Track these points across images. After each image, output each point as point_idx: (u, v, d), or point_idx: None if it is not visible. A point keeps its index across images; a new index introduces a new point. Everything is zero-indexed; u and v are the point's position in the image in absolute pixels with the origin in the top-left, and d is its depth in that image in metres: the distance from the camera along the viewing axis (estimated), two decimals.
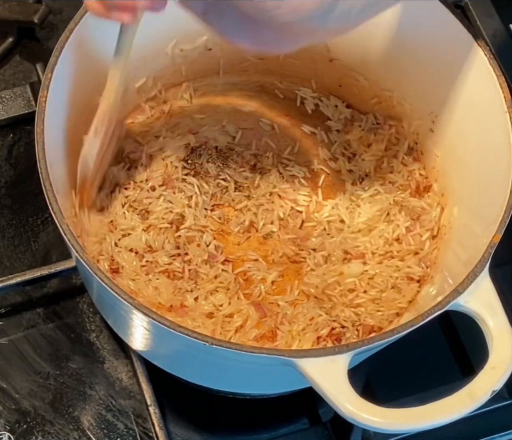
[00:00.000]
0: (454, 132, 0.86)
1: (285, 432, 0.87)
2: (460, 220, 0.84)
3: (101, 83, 0.87)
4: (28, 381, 0.86)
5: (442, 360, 0.90)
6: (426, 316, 0.71)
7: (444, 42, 0.85)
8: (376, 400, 0.68)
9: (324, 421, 0.86)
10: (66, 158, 0.82)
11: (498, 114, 0.80)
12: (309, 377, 0.69)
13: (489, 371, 0.70)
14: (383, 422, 0.68)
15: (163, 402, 0.85)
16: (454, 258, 0.81)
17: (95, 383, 0.87)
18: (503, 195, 0.76)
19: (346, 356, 0.69)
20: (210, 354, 0.70)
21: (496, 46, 0.99)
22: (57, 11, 1.05)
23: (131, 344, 0.84)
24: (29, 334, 0.88)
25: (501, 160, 0.79)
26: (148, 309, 0.70)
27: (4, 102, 0.99)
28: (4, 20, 1.01)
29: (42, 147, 0.75)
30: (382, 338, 0.71)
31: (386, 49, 0.89)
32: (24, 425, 0.84)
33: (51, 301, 0.90)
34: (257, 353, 0.69)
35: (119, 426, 0.85)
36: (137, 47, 0.88)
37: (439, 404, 0.68)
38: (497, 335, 0.71)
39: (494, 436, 0.86)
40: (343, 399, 0.68)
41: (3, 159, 0.97)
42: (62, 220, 0.73)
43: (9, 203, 0.95)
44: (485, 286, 0.73)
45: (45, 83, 0.78)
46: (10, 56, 1.03)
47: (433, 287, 0.81)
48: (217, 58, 0.94)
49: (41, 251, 0.92)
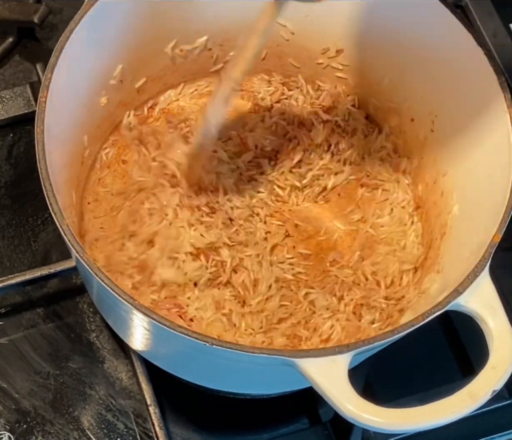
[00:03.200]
0: (454, 132, 0.86)
1: (285, 432, 0.87)
2: (460, 219, 0.84)
3: (101, 83, 0.87)
4: (28, 381, 0.86)
5: (442, 360, 0.90)
6: (426, 316, 0.71)
7: (444, 42, 0.85)
8: (376, 400, 0.68)
9: (324, 421, 0.86)
10: (66, 159, 0.82)
11: (498, 114, 0.80)
12: (309, 377, 0.69)
13: (489, 371, 0.70)
14: (383, 422, 0.68)
15: (163, 402, 0.85)
16: (454, 257, 0.81)
17: (95, 383, 0.87)
18: (503, 195, 0.76)
19: (346, 356, 0.69)
20: (210, 354, 0.70)
21: (496, 46, 0.99)
22: (57, 11, 1.05)
23: (131, 344, 0.84)
24: (29, 334, 0.88)
25: (501, 160, 0.79)
26: (148, 309, 0.70)
27: (4, 102, 0.99)
28: (4, 20, 1.01)
29: (42, 148, 0.75)
30: (382, 338, 0.71)
31: (386, 49, 0.89)
32: (24, 425, 0.84)
33: (51, 301, 0.90)
34: (257, 353, 0.69)
35: (119, 426, 0.85)
36: (137, 47, 0.89)
37: (439, 404, 0.68)
38: (497, 335, 0.71)
39: (494, 436, 0.86)
40: (343, 399, 0.68)
41: (3, 159, 0.97)
42: (62, 220, 0.73)
43: (9, 203, 0.95)
44: (485, 286, 0.73)
45: (45, 83, 0.78)
46: (10, 56, 1.03)
47: (433, 287, 0.81)
48: (217, 58, 0.95)
49: (41, 251, 0.92)
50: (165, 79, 0.94)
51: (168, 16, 0.89)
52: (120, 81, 0.89)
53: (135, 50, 0.89)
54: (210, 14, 0.91)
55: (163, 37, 0.90)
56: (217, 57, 0.94)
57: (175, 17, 0.90)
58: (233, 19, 0.91)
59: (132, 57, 0.89)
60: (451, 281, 0.75)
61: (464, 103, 0.84)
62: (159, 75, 0.93)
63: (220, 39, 0.93)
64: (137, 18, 0.87)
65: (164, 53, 0.92)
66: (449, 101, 0.86)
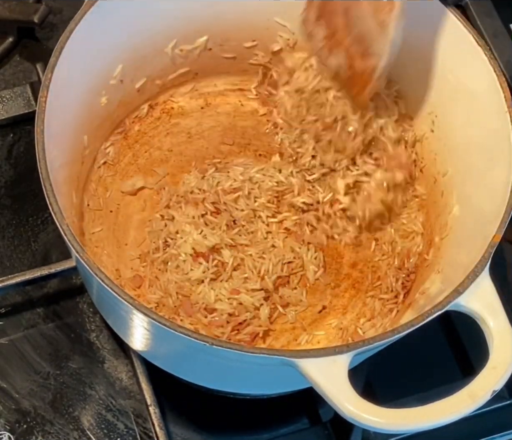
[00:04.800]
0: (454, 132, 0.86)
1: (285, 432, 0.87)
2: (460, 219, 0.84)
3: (101, 83, 0.87)
4: (28, 381, 0.86)
5: (442, 360, 0.90)
6: (426, 316, 0.71)
7: (444, 42, 0.85)
8: (376, 400, 0.68)
9: (324, 421, 0.86)
10: (66, 159, 0.82)
11: (498, 114, 0.80)
12: (309, 377, 0.69)
13: (490, 371, 0.70)
14: (383, 422, 0.68)
15: (163, 402, 0.85)
16: (454, 257, 0.82)
17: (95, 383, 0.87)
18: (503, 195, 0.76)
19: (346, 356, 0.69)
20: (210, 354, 0.70)
21: (496, 46, 0.99)
22: (57, 11, 1.05)
23: (131, 344, 0.84)
24: (29, 334, 0.88)
25: (501, 160, 0.79)
26: (148, 309, 0.70)
27: (4, 102, 0.99)
28: (4, 20, 1.01)
29: (42, 148, 0.75)
30: (382, 338, 0.71)
31: None
32: (24, 425, 0.84)
33: (51, 301, 0.90)
34: (257, 353, 0.69)
35: (119, 426, 0.85)
36: (137, 47, 0.89)
37: (439, 404, 0.68)
38: (497, 335, 0.71)
39: (494, 436, 0.86)
40: (343, 399, 0.68)
41: (3, 159, 0.97)
42: (62, 220, 0.73)
43: (9, 203, 0.95)
44: (485, 286, 0.73)
45: (45, 83, 0.78)
46: (10, 56, 1.03)
47: (433, 287, 0.81)
48: (217, 58, 0.95)
49: (41, 251, 0.92)
50: (165, 79, 0.94)
51: (168, 16, 0.89)
52: (120, 81, 0.89)
53: (135, 50, 0.89)
54: (210, 14, 0.91)
55: (163, 37, 0.90)
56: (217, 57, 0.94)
57: (175, 17, 0.90)
58: (233, 19, 0.92)
59: (132, 57, 0.89)
60: (451, 281, 0.75)
61: (464, 103, 0.84)
62: (159, 75, 0.93)
63: (220, 39, 0.93)
64: (137, 18, 0.87)
65: (164, 53, 0.92)
66: (449, 101, 0.86)
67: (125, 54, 0.88)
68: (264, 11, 0.92)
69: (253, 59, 0.95)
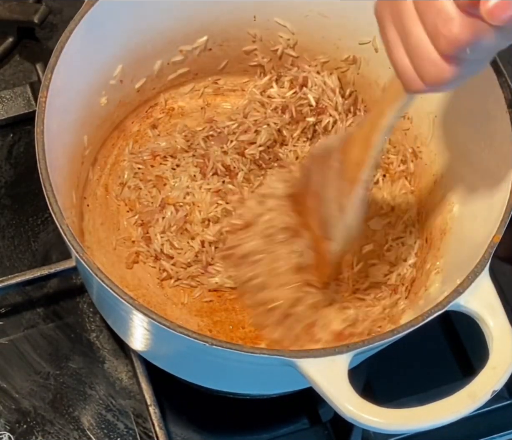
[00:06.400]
0: (454, 133, 0.86)
1: (285, 432, 0.87)
2: (460, 219, 0.84)
3: (101, 83, 0.87)
4: (28, 381, 0.86)
5: (442, 360, 0.90)
6: (426, 316, 0.71)
7: None
8: (376, 400, 0.68)
9: (324, 421, 0.86)
10: (66, 159, 0.82)
11: (498, 114, 0.80)
12: (309, 377, 0.69)
13: (490, 371, 0.70)
14: (383, 422, 0.68)
15: (163, 402, 0.85)
16: (454, 258, 0.81)
17: (95, 383, 0.87)
18: (503, 195, 0.76)
19: (346, 356, 0.69)
20: (210, 354, 0.70)
21: None
22: (57, 11, 1.05)
23: (131, 344, 0.84)
24: (29, 334, 0.88)
25: (501, 160, 0.79)
26: (148, 309, 0.70)
27: (4, 102, 0.99)
28: (4, 20, 1.01)
29: (42, 148, 0.75)
30: (382, 338, 0.71)
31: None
32: (24, 425, 0.84)
33: (51, 301, 0.90)
34: (257, 354, 0.69)
35: (119, 426, 0.85)
36: (137, 47, 0.89)
37: (439, 404, 0.68)
38: (497, 335, 0.71)
39: (494, 436, 0.86)
40: (343, 399, 0.68)
41: (3, 159, 0.97)
42: (62, 220, 0.73)
43: (9, 203, 0.95)
44: (485, 286, 0.73)
45: (45, 83, 0.78)
46: (10, 56, 1.03)
47: (433, 287, 0.81)
48: (217, 58, 0.95)
49: (41, 251, 0.92)
50: (165, 79, 0.94)
51: (168, 16, 0.89)
52: (120, 81, 0.89)
53: (135, 50, 0.89)
54: (210, 14, 0.91)
55: (163, 37, 0.90)
56: (217, 57, 0.94)
57: (175, 17, 0.90)
58: (233, 19, 0.92)
59: (132, 57, 0.89)
60: (451, 281, 0.75)
61: (464, 103, 0.84)
62: (159, 75, 0.93)
63: (220, 39, 0.93)
64: (137, 18, 0.87)
65: (164, 53, 0.92)
66: (449, 101, 0.86)
67: (125, 54, 0.88)
68: (264, 11, 0.92)
69: (253, 59, 0.95)
